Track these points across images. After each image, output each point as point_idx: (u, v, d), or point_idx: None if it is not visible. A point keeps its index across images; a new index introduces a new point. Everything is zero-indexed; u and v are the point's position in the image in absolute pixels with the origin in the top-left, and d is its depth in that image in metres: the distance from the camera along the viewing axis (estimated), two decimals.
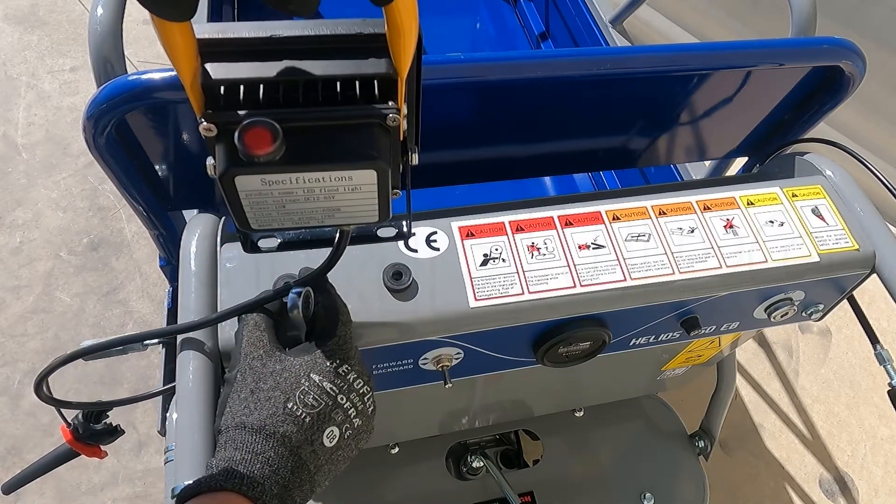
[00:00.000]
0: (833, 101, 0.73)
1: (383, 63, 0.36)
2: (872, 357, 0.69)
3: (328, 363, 0.44)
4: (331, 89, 0.35)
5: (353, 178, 0.37)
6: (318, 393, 0.42)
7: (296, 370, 0.43)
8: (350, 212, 0.40)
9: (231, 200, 0.37)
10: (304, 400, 0.42)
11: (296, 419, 0.41)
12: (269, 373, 0.43)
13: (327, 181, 0.36)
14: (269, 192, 0.37)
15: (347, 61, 0.36)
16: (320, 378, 0.43)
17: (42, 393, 0.52)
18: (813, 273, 0.61)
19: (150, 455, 1.43)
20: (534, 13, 1.67)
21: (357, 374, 0.45)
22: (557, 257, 0.58)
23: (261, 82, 0.35)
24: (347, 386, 0.44)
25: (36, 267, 1.70)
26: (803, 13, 0.85)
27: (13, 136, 1.95)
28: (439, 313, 0.55)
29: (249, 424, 0.40)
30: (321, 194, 0.37)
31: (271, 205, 0.38)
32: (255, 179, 0.36)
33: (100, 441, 0.66)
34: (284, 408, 0.41)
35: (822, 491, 1.48)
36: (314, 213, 0.39)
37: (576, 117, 0.76)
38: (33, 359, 1.54)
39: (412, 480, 0.96)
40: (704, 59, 0.67)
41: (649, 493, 0.96)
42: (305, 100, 0.35)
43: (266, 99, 0.35)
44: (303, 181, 0.36)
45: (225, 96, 0.35)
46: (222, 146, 0.35)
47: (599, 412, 1.04)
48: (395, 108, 0.36)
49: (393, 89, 0.36)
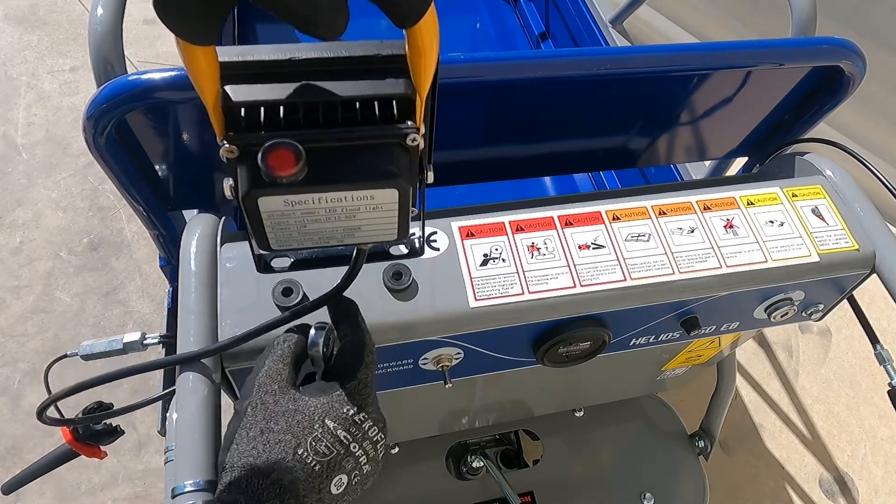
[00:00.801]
0: (833, 101, 0.73)
1: (401, 83, 0.36)
2: (872, 357, 0.69)
3: (345, 409, 0.41)
4: (350, 110, 0.36)
5: (375, 198, 0.37)
6: (331, 441, 0.40)
7: (310, 413, 0.41)
8: (370, 230, 0.40)
9: (253, 221, 0.37)
10: (316, 447, 0.40)
11: (305, 466, 0.39)
12: (281, 412, 0.41)
13: (349, 200, 0.37)
14: (292, 212, 0.37)
15: (366, 82, 0.36)
16: (335, 425, 0.41)
17: (45, 419, 0.51)
18: (813, 273, 0.61)
19: (150, 455, 1.43)
20: (534, 13, 1.67)
21: (373, 422, 0.43)
22: (557, 257, 0.58)
23: (281, 104, 0.35)
24: (362, 434, 0.42)
25: (36, 267, 1.70)
26: (803, 13, 0.85)
27: (13, 136, 1.95)
28: (439, 313, 0.55)
29: (257, 468, 0.38)
30: (342, 213, 0.38)
31: (293, 225, 0.38)
32: (279, 200, 0.36)
33: (100, 441, 0.66)
34: (294, 454, 0.39)
35: (822, 491, 1.48)
36: (334, 232, 0.39)
37: (576, 117, 0.76)
38: (33, 359, 1.54)
39: (412, 480, 0.96)
40: (704, 59, 0.67)
41: (649, 493, 0.96)
42: (325, 121, 0.35)
43: (287, 120, 0.35)
44: (325, 201, 0.36)
45: (246, 118, 0.35)
46: (244, 168, 0.35)
47: (599, 412, 1.04)
48: (414, 128, 0.36)
49: (411, 109, 0.36)
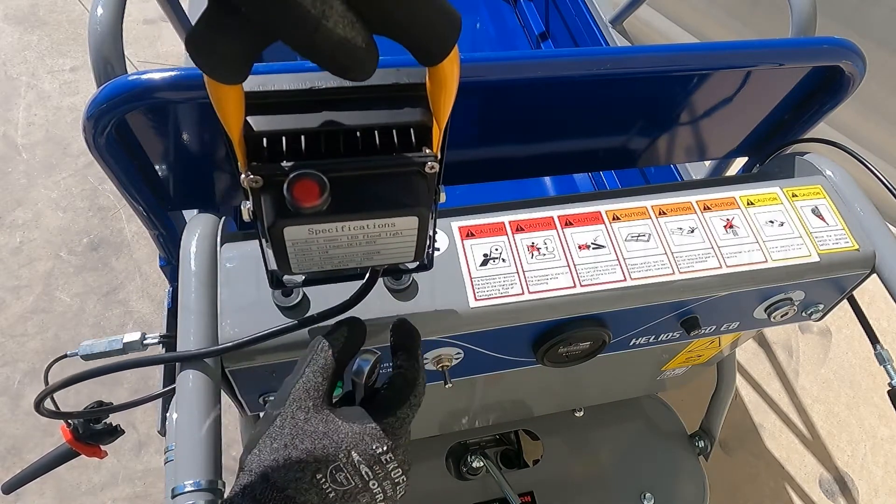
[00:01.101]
0: (833, 101, 0.73)
1: (419, 112, 0.37)
2: (872, 357, 0.69)
3: (374, 446, 0.40)
4: (370, 138, 0.36)
5: (396, 225, 0.38)
6: (352, 473, 0.40)
7: (337, 441, 0.40)
8: (388, 253, 0.41)
9: (276, 248, 0.38)
10: (335, 476, 0.39)
11: (320, 491, 0.39)
12: (310, 432, 0.40)
13: (371, 228, 0.38)
14: (315, 239, 0.38)
15: (384, 111, 0.37)
16: (359, 459, 0.40)
17: (43, 410, 0.51)
18: (813, 273, 0.61)
19: (150, 455, 1.43)
20: (534, 13, 1.67)
21: (398, 464, 0.41)
22: (557, 257, 0.58)
23: (302, 133, 0.36)
24: (384, 474, 0.41)
25: (36, 267, 1.70)
26: (803, 13, 0.85)
27: (13, 136, 1.95)
28: (439, 313, 0.55)
29: (273, 480, 0.38)
30: (364, 239, 0.39)
31: (315, 251, 0.39)
32: (303, 229, 0.37)
33: (100, 441, 0.66)
34: (313, 477, 0.39)
35: (822, 491, 1.48)
36: (354, 256, 0.40)
37: (576, 117, 0.76)
38: (33, 359, 1.54)
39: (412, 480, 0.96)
40: (704, 59, 0.67)
41: (649, 493, 0.96)
42: (346, 149, 0.36)
43: (308, 149, 0.36)
44: (348, 229, 0.37)
45: (268, 148, 0.36)
46: (269, 197, 0.36)
47: (599, 412, 1.04)
48: (432, 156, 0.37)
49: (428, 136, 0.37)
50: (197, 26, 0.28)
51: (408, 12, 0.29)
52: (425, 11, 0.29)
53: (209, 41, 0.29)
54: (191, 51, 0.29)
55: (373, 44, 0.30)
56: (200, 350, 0.50)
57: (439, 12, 0.30)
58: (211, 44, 0.29)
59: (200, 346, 0.51)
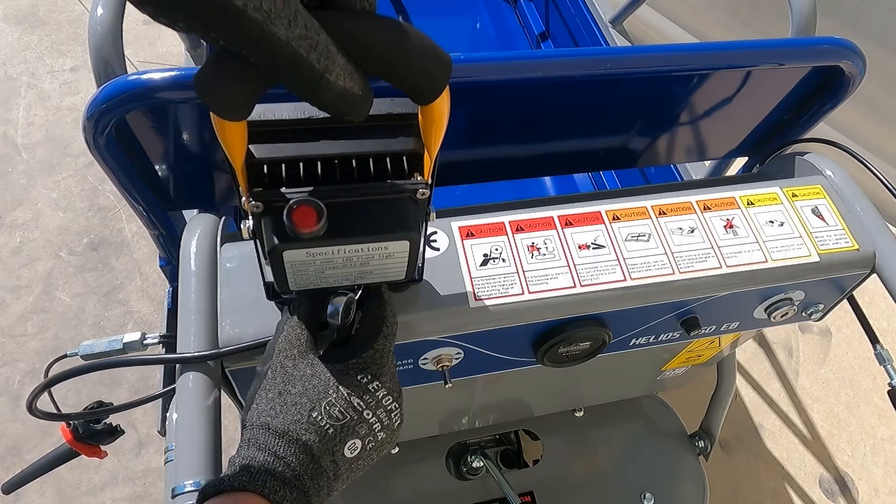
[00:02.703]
0: (833, 101, 0.73)
1: (411, 140, 0.39)
2: (872, 357, 0.69)
3: (359, 377, 0.43)
4: (364, 165, 0.39)
5: (389, 248, 0.41)
6: (345, 407, 0.42)
7: (325, 379, 0.42)
8: (381, 272, 0.43)
9: (276, 269, 0.41)
10: (330, 412, 0.41)
11: (319, 429, 0.41)
12: (298, 376, 0.43)
13: (365, 251, 0.40)
14: (312, 261, 0.40)
15: (378, 139, 0.39)
16: (348, 392, 0.42)
17: (36, 411, 0.51)
18: (813, 273, 0.61)
19: (150, 455, 1.43)
20: (534, 13, 1.67)
21: (387, 391, 0.44)
22: (557, 257, 0.58)
23: (301, 160, 0.38)
24: (375, 402, 0.43)
25: (36, 267, 1.70)
26: (803, 13, 0.85)
27: (13, 136, 1.95)
28: (439, 313, 0.55)
29: (273, 427, 0.40)
30: (358, 261, 0.41)
31: (312, 272, 0.42)
32: (301, 253, 0.39)
33: (100, 441, 0.66)
34: (309, 416, 0.41)
35: (822, 491, 1.48)
36: (349, 275, 0.43)
37: (576, 117, 0.76)
38: (33, 359, 1.54)
39: (412, 480, 0.96)
40: (704, 59, 0.67)
41: (649, 493, 0.96)
42: (342, 176, 0.39)
43: (306, 176, 0.38)
44: (344, 252, 0.40)
45: (268, 174, 0.38)
46: (269, 222, 0.38)
47: (599, 412, 1.04)
48: (423, 184, 0.39)
49: (420, 163, 0.40)
50: (205, 68, 0.30)
51: (403, 62, 0.32)
52: (420, 61, 0.32)
53: (217, 83, 0.30)
54: (199, 91, 0.30)
55: (368, 89, 0.33)
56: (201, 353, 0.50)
57: (432, 59, 0.32)
58: (218, 85, 0.30)
59: (200, 346, 0.51)
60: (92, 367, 0.50)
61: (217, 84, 0.30)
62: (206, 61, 0.31)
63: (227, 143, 0.35)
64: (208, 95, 0.31)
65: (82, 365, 0.49)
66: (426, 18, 1.68)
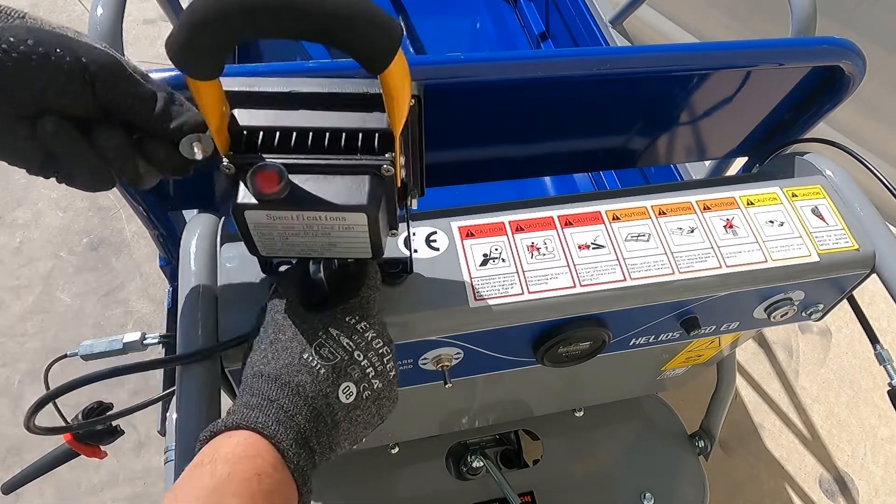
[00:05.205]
0: (833, 101, 0.73)
1: (385, 118, 0.40)
2: (872, 357, 0.69)
3: (347, 318, 0.45)
4: (336, 140, 0.41)
5: (346, 220, 0.41)
6: (334, 346, 0.43)
7: (315, 324, 0.44)
8: (346, 247, 0.44)
9: (242, 230, 0.43)
10: (320, 352, 0.43)
11: (310, 370, 0.42)
12: (289, 325, 0.44)
13: (323, 220, 0.41)
14: (274, 225, 0.42)
15: (353, 115, 0.41)
16: (337, 332, 0.44)
17: (34, 428, 0.50)
18: (813, 273, 0.61)
19: (150, 455, 1.43)
20: (534, 13, 1.67)
21: (376, 334, 0.46)
22: (557, 257, 0.58)
23: (277, 130, 0.40)
24: (365, 343, 0.45)
25: (36, 267, 1.70)
26: (803, 13, 0.85)
27: None
28: (439, 313, 0.55)
29: (266, 373, 0.42)
30: (319, 230, 0.42)
31: (276, 236, 0.43)
32: (262, 214, 0.41)
33: (100, 441, 0.66)
34: (300, 358, 0.42)
35: (822, 491, 1.49)
36: (314, 245, 0.44)
37: (576, 117, 0.76)
38: (33, 359, 1.54)
39: (412, 480, 0.96)
40: (704, 59, 0.67)
41: (649, 493, 0.96)
42: (313, 148, 0.41)
43: (280, 145, 0.40)
44: (302, 219, 0.41)
45: (245, 140, 0.40)
46: (238, 183, 0.40)
47: (599, 412, 1.04)
48: (389, 160, 0.41)
49: (392, 143, 0.41)
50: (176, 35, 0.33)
51: (345, 28, 0.33)
52: (363, 27, 0.33)
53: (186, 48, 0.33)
54: (169, 53, 0.33)
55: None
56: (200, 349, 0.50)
57: (377, 27, 0.33)
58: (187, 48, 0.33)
59: (200, 346, 0.51)
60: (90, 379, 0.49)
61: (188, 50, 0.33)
62: (176, 29, 0.33)
63: (201, 103, 0.37)
64: (177, 56, 0.33)
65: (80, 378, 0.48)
66: (426, 18, 1.68)
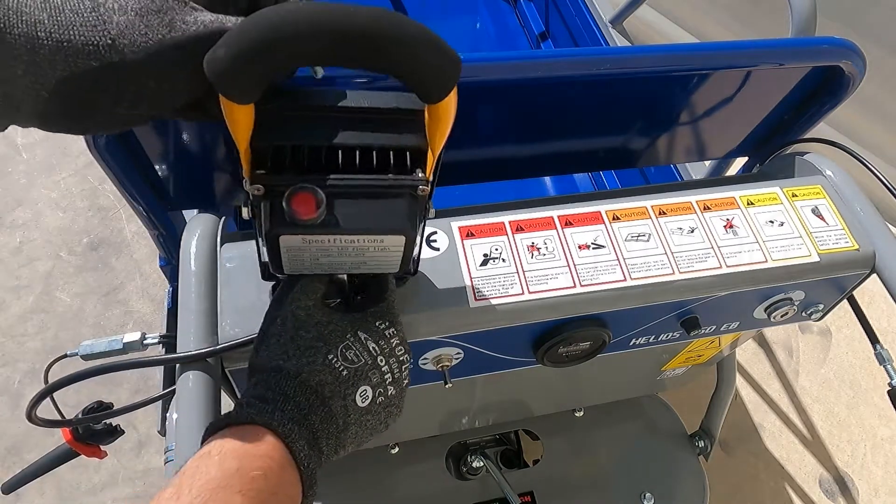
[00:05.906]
0: (833, 101, 0.73)
1: (416, 136, 0.39)
2: (872, 357, 0.69)
3: (377, 323, 0.45)
4: (367, 157, 0.39)
5: (385, 242, 0.41)
6: (361, 350, 0.43)
7: (343, 325, 0.44)
8: (375, 264, 0.44)
9: (272, 253, 0.41)
10: (346, 354, 0.42)
11: (333, 371, 0.42)
12: (313, 323, 0.43)
13: (361, 242, 0.40)
14: (308, 248, 0.41)
15: (384, 133, 0.39)
16: (366, 336, 0.44)
17: (36, 420, 0.51)
18: (813, 273, 0.61)
19: (150, 455, 1.43)
20: (534, 13, 1.67)
21: (400, 341, 0.46)
22: (557, 257, 0.58)
23: (305, 147, 0.38)
24: (390, 349, 0.45)
25: (36, 267, 1.70)
26: (803, 13, 0.85)
27: (13, 136, 1.95)
28: (439, 313, 0.55)
29: (286, 369, 0.41)
30: (353, 251, 0.41)
31: (307, 258, 0.42)
32: (297, 239, 0.39)
33: (100, 441, 0.66)
34: (325, 358, 0.42)
35: (822, 491, 1.48)
36: (343, 264, 0.43)
37: (576, 117, 0.76)
38: (33, 359, 1.54)
39: (412, 480, 0.96)
40: (704, 59, 0.67)
41: (649, 493, 0.96)
42: (344, 166, 0.39)
43: (309, 164, 0.38)
44: (339, 241, 0.40)
45: (272, 158, 0.38)
46: (269, 206, 0.38)
47: (599, 412, 1.04)
48: (424, 181, 0.39)
49: (423, 160, 0.40)
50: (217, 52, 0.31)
51: (412, 59, 0.32)
52: (430, 58, 0.32)
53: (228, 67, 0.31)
54: (211, 77, 0.32)
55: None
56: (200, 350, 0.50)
57: (443, 58, 0.32)
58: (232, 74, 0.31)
59: (200, 346, 0.51)
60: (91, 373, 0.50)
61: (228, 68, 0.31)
62: (218, 45, 0.31)
63: (233, 125, 0.36)
64: (220, 81, 0.31)
65: (80, 371, 0.49)
66: (426, 18, 1.67)
